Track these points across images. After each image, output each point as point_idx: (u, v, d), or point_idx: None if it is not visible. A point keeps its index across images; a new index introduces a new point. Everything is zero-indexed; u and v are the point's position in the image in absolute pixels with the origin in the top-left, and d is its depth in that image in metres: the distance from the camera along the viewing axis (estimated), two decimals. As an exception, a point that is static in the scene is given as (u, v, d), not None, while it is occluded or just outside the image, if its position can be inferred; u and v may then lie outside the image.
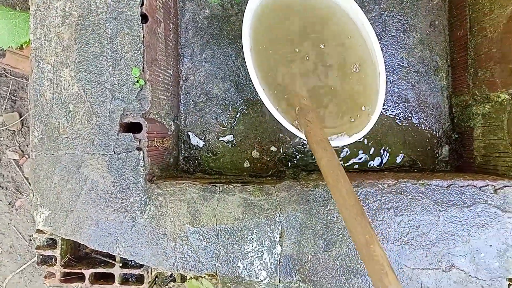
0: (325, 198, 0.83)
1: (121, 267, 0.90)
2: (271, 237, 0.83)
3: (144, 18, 0.85)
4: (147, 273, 0.91)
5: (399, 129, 1.10)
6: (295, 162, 1.11)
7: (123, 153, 0.83)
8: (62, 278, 0.91)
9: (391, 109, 1.11)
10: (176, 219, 0.83)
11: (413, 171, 1.09)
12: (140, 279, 0.92)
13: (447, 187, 0.83)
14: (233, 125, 1.10)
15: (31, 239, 1.24)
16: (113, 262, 0.91)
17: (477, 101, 0.98)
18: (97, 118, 0.83)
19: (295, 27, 0.95)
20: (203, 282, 0.94)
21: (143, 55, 0.83)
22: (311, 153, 1.09)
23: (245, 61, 0.88)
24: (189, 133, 1.10)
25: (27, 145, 1.22)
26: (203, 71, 1.10)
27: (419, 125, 1.11)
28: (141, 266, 0.90)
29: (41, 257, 0.92)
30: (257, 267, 0.83)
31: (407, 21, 1.10)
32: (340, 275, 0.83)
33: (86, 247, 0.93)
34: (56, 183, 0.84)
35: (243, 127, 1.10)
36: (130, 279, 0.94)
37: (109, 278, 0.92)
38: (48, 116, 0.84)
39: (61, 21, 0.83)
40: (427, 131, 1.11)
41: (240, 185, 0.84)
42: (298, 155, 1.11)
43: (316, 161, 0.99)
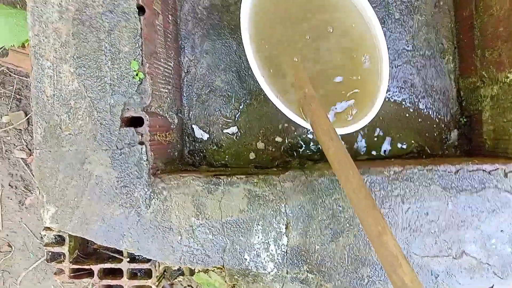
0: (330, 187, 0.82)
1: (128, 262, 0.91)
2: (277, 228, 0.82)
3: (141, 10, 0.84)
4: (155, 267, 0.91)
5: (406, 115, 1.08)
6: (300, 152, 1.09)
7: (126, 148, 0.83)
8: (71, 274, 0.92)
9: (397, 94, 1.08)
10: (181, 213, 0.83)
11: (422, 158, 1.07)
12: (148, 274, 0.93)
13: (455, 172, 0.81)
14: (237, 116, 1.09)
15: (42, 237, 1.25)
16: (121, 257, 0.91)
17: (485, 83, 0.95)
18: (98, 113, 0.83)
19: (296, 12, 0.93)
20: (212, 275, 0.94)
21: (141, 48, 0.82)
22: (316, 142, 1.08)
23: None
24: (193, 126, 1.10)
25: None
26: (204, 62, 1.09)
27: (426, 110, 1.08)
28: (148, 260, 0.90)
29: (50, 254, 0.93)
30: (264, 259, 0.82)
31: (411, 3, 1.07)
32: (348, 265, 0.82)
33: (94, 243, 0.93)
34: (61, 180, 0.84)
35: (247, 118, 1.09)
36: (138, 274, 0.94)
37: (117, 273, 0.92)
38: (50, 113, 0.84)
39: (58, 17, 0.83)
40: (435, 116, 1.08)
41: (244, 177, 0.83)
42: (303, 144, 1.09)
43: (322, 150, 0.98)
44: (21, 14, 1.11)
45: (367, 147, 1.08)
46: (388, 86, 1.05)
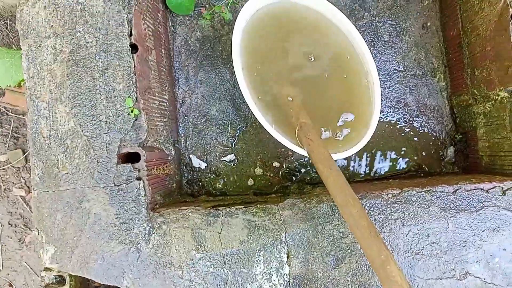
0: (329, 213, 0.82)
1: (130, 298, 0.90)
2: (278, 257, 0.81)
3: (134, 48, 0.85)
4: (157, 302, 0.90)
5: (401, 134, 1.09)
6: (299, 176, 1.10)
7: (124, 184, 0.83)
8: (73, 313, 0.90)
9: (392, 114, 1.09)
10: (181, 247, 0.82)
11: (420, 176, 1.07)
12: (151, 309, 0.91)
13: (453, 192, 0.81)
14: (233, 144, 1.10)
15: (42, 277, 1.24)
16: (123, 293, 0.90)
17: (477, 100, 0.96)
18: (95, 151, 0.83)
19: (286, 42, 0.95)
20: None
21: (135, 85, 0.83)
22: (314, 166, 1.08)
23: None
24: (191, 156, 1.10)
25: (33, 180, 1.22)
26: (199, 93, 1.10)
27: (421, 129, 1.09)
28: (150, 296, 0.89)
29: (51, 294, 0.92)
30: (267, 289, 0.81)
31: (399, 25, 1.09)
32: (352, 291, 0.81)
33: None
34: (59, 220, 0.84)
35: (244, 145, 1.10)
36: (141, 310, 0.93)
37: (120, 310, 0.91)
38: (46, 153, 0.84)
39: (52, 59, 0.84)
40: (430, 134, 1.09)
41: (242, 207, 0.83)
42: (301, 168, 1.10)
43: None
44: (17, 54, 1.13)
45: (364, 167, 1.08)
46: (381, 107, 1.06)
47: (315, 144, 0.79)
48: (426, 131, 1.09)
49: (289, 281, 0.81)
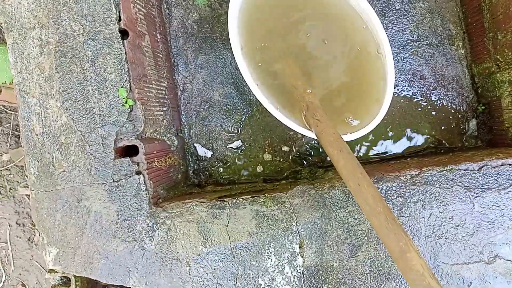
0: (343, 199, 0.76)
1: (140, 296, 0.86)
2: (290, 248, 0.76)
3: (124, 34, 0.80)
4: (168, 299, 0.87)
5: (418, 109, 1.01)
6: (310, 159, 1.04)
7: (123, 180, 0.79)
8: (83, 313, 0.88)
9: (407, 88, 1.02)
10: (187, 242, 0.78)
11: (440, 153, 1.00)
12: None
13: (478, 170, 0.74)
14: (239, 129, 1.04)
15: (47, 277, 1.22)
16: (132, 292, 0.87)
17: (500, 67, 0.88)
18: (91, 146, 0.79)
19: (289, 15, 0.87)
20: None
21: (128, 74, 0.78)
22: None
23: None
24: (195, 144, 1.05)
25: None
26: (200, 78, 1.04)
27: (439, 102, 1.01)
28: (160, 293, 0.85)
29: (59, 295, 0.89)
30: (280, 282, 0.77)
31: (411, -9, 1.00)
32: (371, 281, 0.76)
33: (102, 279, 0.90)
34: (59, 220, 0.80)
35: (251, 130, 1.04)
36: (152, 307, 0.89)
37: (130, 308, 0.88)
38: (41, 151, 0.80)
39: (39, 51, 0.79)
40: (449, 107, 1.01)
41: (250, 197, 0.78)
42: (312, 151, 1.04)
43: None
44: (9, 49, 1.08)
45: (379, 146, 1.02)
46: (395, 80, 0.99)
47: (323, 125, 0.73)
48: (445, 104, 1.01)
49: (303, 273, 0.76)
